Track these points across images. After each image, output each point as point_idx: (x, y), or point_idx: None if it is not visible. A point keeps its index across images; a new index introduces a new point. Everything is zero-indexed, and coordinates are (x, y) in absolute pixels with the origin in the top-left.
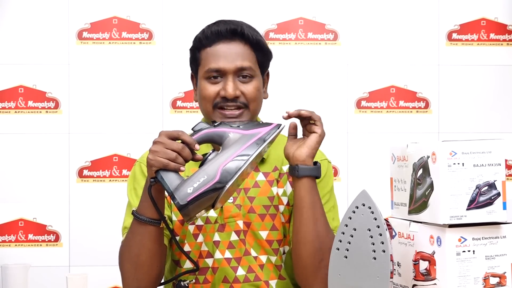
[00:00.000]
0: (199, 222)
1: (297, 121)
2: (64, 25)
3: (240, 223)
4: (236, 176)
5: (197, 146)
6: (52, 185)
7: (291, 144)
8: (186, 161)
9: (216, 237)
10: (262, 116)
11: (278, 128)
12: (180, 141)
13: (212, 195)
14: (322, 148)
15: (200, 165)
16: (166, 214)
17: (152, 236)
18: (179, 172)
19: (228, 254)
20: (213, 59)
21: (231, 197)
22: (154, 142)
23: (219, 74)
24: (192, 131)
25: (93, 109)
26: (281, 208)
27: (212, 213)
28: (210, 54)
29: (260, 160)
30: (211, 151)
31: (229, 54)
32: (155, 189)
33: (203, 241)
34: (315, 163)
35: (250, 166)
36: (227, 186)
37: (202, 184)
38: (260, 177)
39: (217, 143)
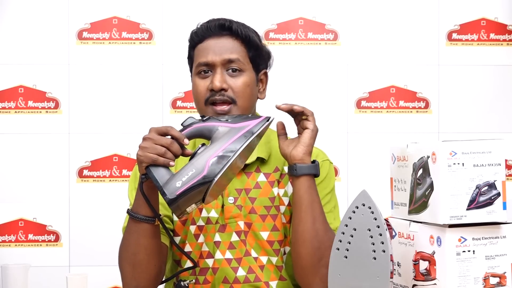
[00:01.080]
0: (200, 222)
1: (290, 119)
2: (64, 25)
3: (241, 224)
4: (224, 169)
5: (186, 140)
6: (52, 185)
7: (286, 144)
8: (176, 156)
9: (217, 237)
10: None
11: (268, 121)
12: (169, 136)
13: (201, 189)
14: (323, 148)
15: (190, 160)
16: (166, 214)
17: (147, 234)
18: (170, 168)
19: (228, 255)
20: (202, 54)
21: (232, 198)
22: (144, 138)
23: (209, 68)
24: (182, 127)
25: (93, 109)
26: (282, 208)
27: (213, 214)
28: (200, 50)
29: (259, 161)
30: (200, 145)
31: (217, 48)
32: (147, 186)
33: (204, 241)
34: (314, 161)
35: (239, 158)
36: (216, 179)
37: (190, 177)
38: (261, 178)
39: (207, 137)
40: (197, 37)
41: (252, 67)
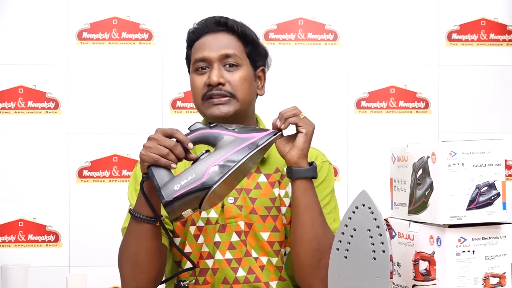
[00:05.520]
0: (200, 223)
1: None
2: (64, 25)
3: (241, 224)
4: (224, 178)
5: (190, 144)
6: (52, 186)
7: (283, 144)
8: (179, 159)
9: (217, 238)
10: (262, 116)
11: (274, 135)
12: (174, 139)
13: (198, 195)
14: (322, 148)
15: (192, 164)
16: (167, 215)
17: (148, 234)
18: (172, 170)
19: (228, 255)
20: (199, 50)
21: (232, 198)
22: (149, 138)
23: (206, 65)
24: (188, 131)
25: (93, 109)
26: (283, 209)
27: (213, 214)
28: (197, 47)
29: (260, 161)
30: (204, 151)
31: (214, 44)
32: (148, 186)
33: (204, 242)
34: (311, 163)
35: (241, 169)
36: (214, 187)
37: (189, 182)
38: (261, 178)
39: (212, 144)
40: (194, 35)
41: (249, 62)
